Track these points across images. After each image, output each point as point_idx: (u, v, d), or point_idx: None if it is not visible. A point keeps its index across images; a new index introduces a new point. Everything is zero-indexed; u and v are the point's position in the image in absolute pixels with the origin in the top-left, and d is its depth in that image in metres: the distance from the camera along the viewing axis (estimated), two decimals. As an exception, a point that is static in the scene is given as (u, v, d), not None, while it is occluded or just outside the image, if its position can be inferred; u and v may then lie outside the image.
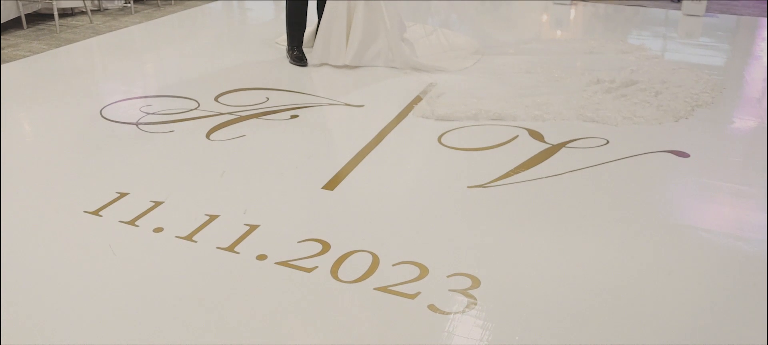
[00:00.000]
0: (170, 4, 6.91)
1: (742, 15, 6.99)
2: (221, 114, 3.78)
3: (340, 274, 2.27)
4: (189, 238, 2.48)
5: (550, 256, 2.41)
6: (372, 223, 2.62)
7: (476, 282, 2.24)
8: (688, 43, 5.92)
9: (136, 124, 3.64)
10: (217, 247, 2.41)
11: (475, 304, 2.13)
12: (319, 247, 2.42)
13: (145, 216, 2.63)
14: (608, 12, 7.09)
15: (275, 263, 2.31)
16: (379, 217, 2.68)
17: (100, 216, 2.64)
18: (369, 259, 2.35)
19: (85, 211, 2.66)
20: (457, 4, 6.87)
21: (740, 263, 2.41)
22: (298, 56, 4.76)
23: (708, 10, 7.05)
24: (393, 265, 2.31)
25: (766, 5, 7.41)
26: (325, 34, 4.74)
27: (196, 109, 3.87)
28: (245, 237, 2.48)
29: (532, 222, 2.66)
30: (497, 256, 2.40)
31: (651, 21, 6.69)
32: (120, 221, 2.59)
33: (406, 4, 5.14)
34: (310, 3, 4.83)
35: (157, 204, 2.73)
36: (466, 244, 2.49)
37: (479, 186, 2.95)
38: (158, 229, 2.53)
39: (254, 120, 3.71)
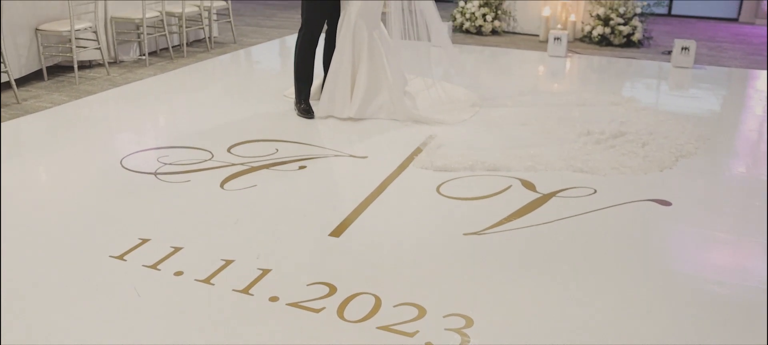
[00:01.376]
0: (182, 57, 7.23)
1: (729, 67, 7.27)
2: (234, 165, 4.04)
3: (346, 314, 2.49)
4: (207, 281, 2.71)
5: (539, 298, 2.64)
6: (375, 267, 2.86)
7: (470, 321, 2.46)
8: (675, 95, 6.19)
9: (155, 173, 3.89)
10: (233, 289, 2.64)
11: (469, 341, 2.35)
12: (326, 289, 2.65)
13: (166, 260, 2.86)
14: (602, 64, 7.38)
15: (286, 304, 2.54)
16: (382, 262, 2.91)
17: (125, 260, 2.87)
18: (372, 300, 2.58)
19: (110, 256, 2.90)
20: (461, 55, 7.19)
21: (716, 305, 2.63)
22: (305, 109, 5.03)
23: (697, 62, 7.34)
24: (394, 306, 2.54)
25: (752, 58, 7.70)
26: (330, 88, 5.01)
27: (210, 159, 4.13)
28: (259, 280, 2.71)
29: (524, 267, 2.89)
30: (490, 298, 2.63)
31: (642, 73, 6.97)
32: (143, 265, 2.83)
33: (408, 56, 5.41)
34: (316, 58, 5.11)
35: (177, 249, 2.96)
36: (461, 286, 2.71)
37: (474, 233, 3.19)
38: (179, 273, 2.77)
39: (265, 170, 3.96)
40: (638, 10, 8.29)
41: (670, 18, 11.00)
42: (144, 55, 6.95)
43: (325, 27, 5.14)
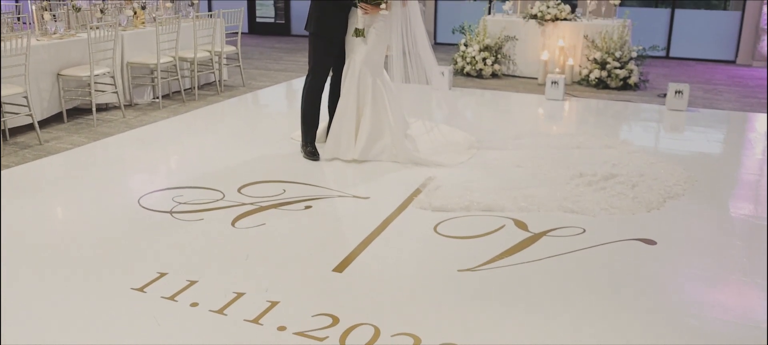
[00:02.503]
0: (194, 100, 7.54)
1: (723, 109, 7.51)
2: (244, 204, 4.29)
3: (348, 343, 2.72)
4: (220, 311, 2.95)
5: (526, 329, 2.86)
6: (375, 300, 3.09)
7: (461, 350, 2.69)
8: (668, 138, 6.44)
9: (170, 212, 4.16)
10: (245, 320, 2.88)
11: (459, 368, 2.58)
12: (329, 320, 2.89)
13: (183, 292, 3.11)
14: (599, 106, 7.64)
15: (293, 333, 2.78)
16: (381, 295, 3.15)
17: (145, 292, 3.12)
18: (371, 330, 2.81)
19: (131, 288, 3.15)
20: (460, 98, 7.47)
21: (693, 337, 2.85)
22: (311, 152, 5.30)
23: (691, 104, 7.59)
24: (391, 336, 2.77)
25: (746, 101, 7.93)
26: (336, 132, 5.29)
27: (222, 199, 4.39)
28: (268, 311, 2.95)
29: (513, 300, 3.12)
30: (481, 329, 2.86)
31: (637, 116, 7.21)
32: (162, 297, 3.08)
33: (410, 100, 5.68)
34: (321, 103, 5.40)
35: (192, 282, 3.21)
36: (455, 318, 2.94)
37: (468, 270, 3.42)
38: (194, 304, 3.01)
39: (273, 209, 4.22)
40: (634, 54, 8.55)
41: (668, 60, 11.26)
42: (158, 98, 7.27)
43: (331, 73, 5.43)
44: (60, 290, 3.16)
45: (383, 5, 5.07)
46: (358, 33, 5.12)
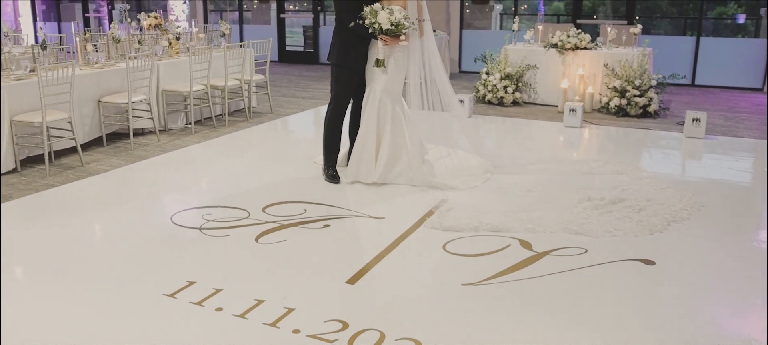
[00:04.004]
0: (224, 126, 7.93)
1: (742, 137, 7.60)
2: (267, 222, 4.60)
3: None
4: (242, 315, 3.26)
5: (522, 336, 3.11)
6: (382, 308, 3.37)
7: (459, 354, 2.95)
8: (680, 164, 6.62)
9: (200, 228, 4.49)
10: (264, 323, 3.18)
11: (456, 369, 2.83)
12: (340, 325, 3.17)
13: (209, 299, 3.43)
14: (617, 134, 7.81)
15: (307, 335, 3.07)
16: (388, 304, 3.42)
17: (176, 298, 3.44)
18: (377, 335, 3.08)
19: (163, 294, 3.48)
20: (481, 126, 7.73)
21: (670, 346, 3.07)
22: (332, 175, 5.61)
23: (710, 132, 7.72)
24: (396, 340, 3.04)
25: (766, 129, 8.00)
26: (357, 156, 5.59)
27: (247, 217, 4.71)
28: (285, 316, 3.25)
29: (510, 312, 3.37)
30: (480, 335, 3.11)
31: (654, 143, 7.37)
32: (190, 302, 3.40)
33: (429, 127, 5.97)
34: (343, 129, 5.71)
35: (218, 290, 3.52)
36: (456, 326, 3.20)
37: (471, 284, 3.68)
38: (219, 309, 3.32)
39: (294, 228, 4.52)
40: (654, 83, 8.70)
41: (693, 88, 11.34)
42: (190, 124, 7.67)
43: (352, 101, 5.75)
44: (100, 295, 3.50)
45: (402, 37, 5.38)
46: (379, 63, 5.43)
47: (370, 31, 5.24)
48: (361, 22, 5.22)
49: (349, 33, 5.36)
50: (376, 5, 5.27)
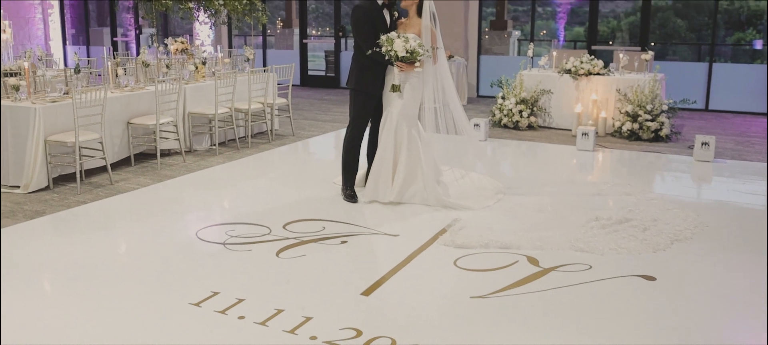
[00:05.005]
0: (247, 147, 8.23)
1: (751, 161, 7.74)
2: (287, 238, 4.86)
3: (368, 351, 3.23)
4: (263, 323, 3.50)
5: (524, 342, 3.33)
6: (394, 318, 3.60)
7: (464, 360, 3.17)
8: (688, 186, 6.78)
9: (224, 244, 4.76)
10: (283, 330, 3.43)
11: (461, 373, 3.05)
12: (354, 332, 3.40)
13: (232, 308, 3.68)
14: (628, 157, 7.98)
15: (323, 342, 3.31)
16: (400, 314, 3.66)
17: (200, 307, 3.70)
18: (389, 342, 3.31)
19: (189, 303, 3.73)
20: (497, 149, 7.95)
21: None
22: (350, 195, 5.87)
23: (719, 156, 7.86)
24: (406, 346, 3.27)
25: (766, 150, 8.14)
26: (375, 177, 5.84)
27: (268, 233, 4.96)
28: (303, 324, 3.49)
29: (515, 322, 3.59)
30: (487, 341, 3.32)
31: (664, 166, 7.53)
32: (214, 310, 3.65)
33: (444, 149, 6.21)
34: (360, 152, 5.97)
35: (240, 300, 3.78)
36: (463, 333, 3.41)
37: (479, 297, 3.89)
38: (241, 317, 3.57)
39: (313, 244, 4.77)
40: (665, 107, 8.88)
41: (706, 113, 11.47)
42: (215, 145, 7.97)
43: (369, 125, 6.01)
44: (129, 303, 3.77)
45: (417, 63, 5.64)
46: (395, 88, 5.70)
47: (386, 58, 5.51)
48: (378, 49, 5.50)
49: (367, 59, 5.63)
50: (392, 34, 5.55)
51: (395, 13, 5.87)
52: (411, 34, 5.59)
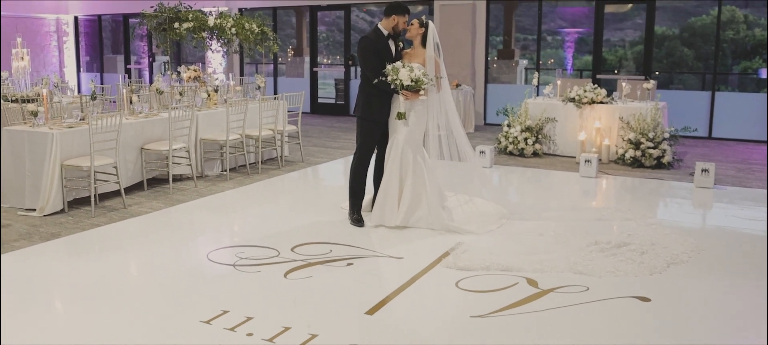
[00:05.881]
0: (258, 173, 8.43)
1: (751, 188, 7.85)
2: (295, 261, 5.03)
3: (370, 366, 3.38)
4: (271, 340, 3.66)
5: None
6: (396, 335, 3.75)
7: (462, 375, 3.31)
8: (687, 212, 6.90)
9: (234, 265, 4.93)
10: (289, 347, 3.59)
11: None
12: (358, 349, 3.56)
13: (241, 325, 3.84)
14: (631, 184, 8.11)
15: (327, 357, 3.46)
16: (402, 331, 3.81)
17: (210, 324, 3.86)
18: (391, 358, 3.46)
19: (200, 321, 3.90)
20: (503, 176, 8.11)
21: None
22: (357, 219, 6.04)
23: (720, 182, 7.98)
24: (406, 362, 3.42)
25: (766, 177, 8.23)
26: (381, 202, 6.01)
27: (277, 256, 5.14)
28: (309, 341, 3.66)
29: (514, 340, 3.73)
30: (481, 361, 3.48)
31: (665, 193, 7.66)
32: (223, 328, 3.81)
33: (448, 175, 6.37)
34: (367, 178, 6.15)
35: (249, 318, 3.94)
36: (461, 352, 3.57)
37: (479, 316, 4.04)
38: (250, 334, 3.74)
39: (319, 265, 4.93)
40: (667, 135, 9.03)
41: (709, 140, 11.60)
42: (225, 171, 8.18)
43: (376, 151, 6.20)
44: (141, 320, 3.95)
45: (422, 91, 5.84)
46: (401, 116, 5.89)
47: (392, 86, 5.71)
48: (384, 78, 5.70)
49: (373, 88, 5.84)
50: (398, 63, 5.76)
51: (400, 43, 6.09)
52: (416, 64, 5.80)
